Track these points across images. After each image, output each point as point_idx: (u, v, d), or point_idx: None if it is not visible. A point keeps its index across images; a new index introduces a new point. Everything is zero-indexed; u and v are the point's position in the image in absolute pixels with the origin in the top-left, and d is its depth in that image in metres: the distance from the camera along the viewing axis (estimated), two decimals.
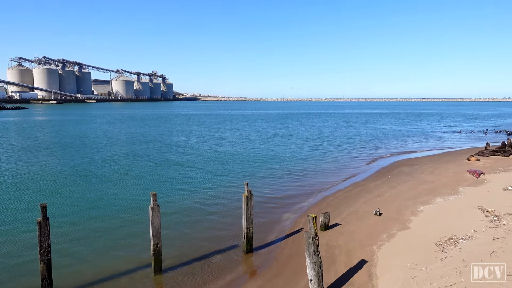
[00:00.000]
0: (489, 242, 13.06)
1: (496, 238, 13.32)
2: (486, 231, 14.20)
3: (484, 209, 17.03)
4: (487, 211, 16.71)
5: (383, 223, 16.47)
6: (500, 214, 16.16)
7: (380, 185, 24.20)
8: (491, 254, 11.84)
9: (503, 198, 18.89)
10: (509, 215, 15.94)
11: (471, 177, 24.43)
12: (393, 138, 54.40)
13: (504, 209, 16.94)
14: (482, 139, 52.23)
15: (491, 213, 16.35)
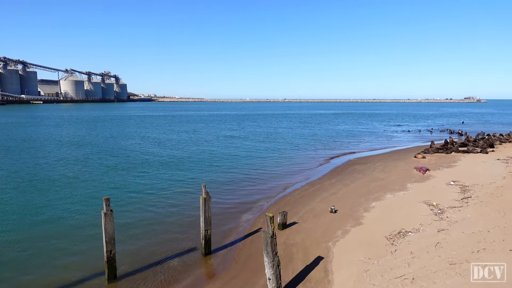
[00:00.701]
0: (434, 234, 13.94)
1: (440, 230, 14.24)
2: (432, 224, 15.14)
3: (430, 203, 18.16)
4: (432, 205, 17.83)
5: (338, 220, 17.01)
6: (443, 208, 17.30)
7: (335, 183, 24.97)
8: (436, 245, 12.65)
9: (446, 193, 20.24)
10: (452, 208, 17.12)
11: (418, 174, 25.92)
12: (347, 138, 56.39)
13: (447, 202, 18.18)
14: (428, 137, 55.62)
15: (436, 207, 17.46)
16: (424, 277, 10.40)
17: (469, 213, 16.20)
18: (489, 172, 25.07)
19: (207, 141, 50.59)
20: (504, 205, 16.72)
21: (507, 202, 17.10)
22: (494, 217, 15.23)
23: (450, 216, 15.97)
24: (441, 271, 10.65)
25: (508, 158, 30.32)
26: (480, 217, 15.50)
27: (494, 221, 14.65)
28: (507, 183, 21.15)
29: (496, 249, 11.83)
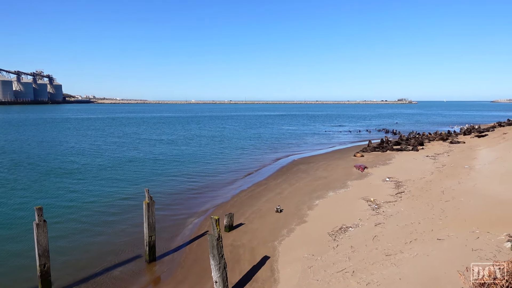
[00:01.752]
0: (372, 228, 14.80)
1: (377, 224, 15.16)
2: (370, 219, 16.06)
3: (368, 199, 19.26)
4: (370, 200, 18.93)
5: (283, 219, 17.40)
6: (380, 203, 18.45)
7: (280, 183, 25.51)
8: (373, 239, 13.44)
9: (382, 188, 21.60)
10: (387, 203, 18.31)
11: (357, 171, 27.36)
12: (291, 138, 57.87)
13: (383, 197, 19.41)
14: (366, 137, 58.86)
15: (373, 202, 18.57)
16: (363, 269, 11.00)
17: (403, 206, 17.44)
18: (419, 168, 27.18)
19: (149, 144, 48.96)
20: (432, 198, 18.23)
21: (434, 195, 18.66)
22: (423, 209, 16.53)
23: (386, 211, 17.07)
24: (378, 262, 11.33)
25: (436, 155, 33.10)
26: (412, 210, 16.75)
27: (424, 213, 15.91)
28: (434, 178, 23.07)
29: (426, 239, 12.84)
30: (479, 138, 43.12)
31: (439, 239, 12.47)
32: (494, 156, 27.73)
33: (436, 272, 9.68)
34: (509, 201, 15.62)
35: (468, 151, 33.48)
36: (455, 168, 25.48)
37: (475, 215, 14.60)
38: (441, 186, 20.46)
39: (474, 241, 11.76)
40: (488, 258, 9.81)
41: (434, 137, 47.50)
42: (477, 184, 19.54)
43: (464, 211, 15.36)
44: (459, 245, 11.53)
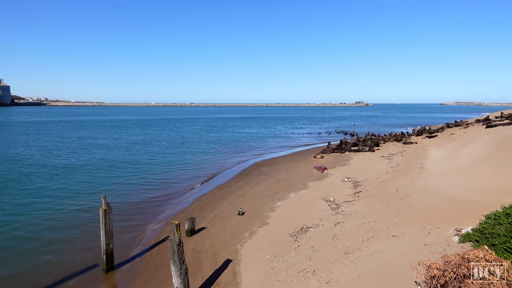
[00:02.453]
0: (331, 227, 15.18)
1: (337, 223, 15.58)
2: (329, 218, 16.47)
3: (327, 199, 19.75)
4: (330, 200, 19.42)
5: (245, 222, 17.40)
6: (339, 202, 18.97)
7: (242, 186, 25.52)
8: (333, 238, 13.78)
9: (341, 189, 22.23)
10: (346, 203, 18.88)
11: (317, 173, 27.99)
12: (253, 141, 58.12)
13: (342, 197, 19.99)
14: (326, 138, 60.37)
15: (333, 202, 19.06)
16: (324, 268, 11.24)
17: (360, 206, 18.05)
18: (375, 168, 28.29)
19: (105, 149, 47.03)
20: (387, 196, 19.02)
21: (389, 194, 19.49)
22: (380, 207, 17.21)
23: (344, 210, 17.59)
24: (337, 261, 11.63)
25: (390, 155, 34.62)
26: (369, 208, 17.38)
27: (380, 211, 16.56)
28: (389, 177, 24.11)
29: (382, 236, 13.37)
30: (430, 139, 45.66)
31: (394, 235, 13.02)
32: (443, 156, 29.45)
33: (391, 268, 10.09)
34: (457, 197, 16.64)
35: (420, 151, 35.31)
36: (408, 168, 26.77)
37: (427, 211, 15.42)
38: (395, 185, 21.40)
39: (426, 237, 12.40)
40: (439, 252, 10.38)
41: (389, 138, 49.66)
42: (428, 182, 20.64)
43: (416, 208, 16.16)
44: (413, 241, 12.11)
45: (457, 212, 14.55)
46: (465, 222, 12.83)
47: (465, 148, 29.15)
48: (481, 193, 16.53)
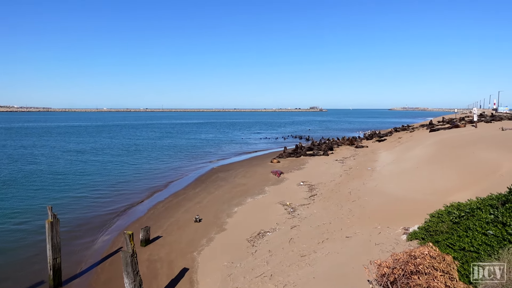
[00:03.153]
0: (288, 231, 15.39)
1: (293, 227, 15.82)
2: (286, 222, 16.69)
3: (284, 203, 20.02)
4: (286, 204, 19.70)
5: (202, 229, 17.16)
6: (295, 206, 19.30)
7: (199, 192, 25.18)
8: (289, 241, 13.97)
9: (297, 192, 22.65)
10: (302, 206, 19.25)
11: (274, 177, 28.32)
12: (210, 147, 57.66)
13: (298, 201, 20.36)
14: (283, 143, 61.30)
15: (289, 206, 19.36)
16: (281, 272, 11.35)
17: (315, 208, 18.49)
18: (330, 171, 29.17)
19: (52, 157, 44.17)
20: (341, 198, 19.67)
21: (343, 196, 20.16)
22: (334, 210, 17.74)
23: (300, 213, 17.92)
24: (294, 264, 11.80)
25: (343, 159, 35.88)
26: (324, 211, 17.85)
27: (334, 213, 17.07)
28: (342, 180, 24.96)
29: (336, 238, 13.78)
30: (379, 143, 47.96)
31: (347, 236, 13.46)
32: (391, 158, 31.03)
33: (345, 268, 10.41)
34: (404, 198, 17.58)
35: (370, 155, 36.94)
36: (360, 170, 27.88)
37: (377, 212, 16.12)
38: (348, 187, 22.18)
39: (376, 236, 12.94)
40: (388, 251, 10.86)
41: (342, 142, 51.48)
42: (378, 184, 21.62)
43: (368, 209, 16.85)
44: (364, 241, 12.59)
45: (405, 211, 15.35)
46: (412, 221, 13.56)
47: (411, 151, 30.89)
48: (426, 193, 17.58)
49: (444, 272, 7.46)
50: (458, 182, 17.94)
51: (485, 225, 9.08)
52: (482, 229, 9.03)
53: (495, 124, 42.84)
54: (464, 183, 17.64)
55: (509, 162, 17.98)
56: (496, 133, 30.10)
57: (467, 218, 10.26)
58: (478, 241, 8.74)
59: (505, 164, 18.00)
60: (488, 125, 44.09)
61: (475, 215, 10.01)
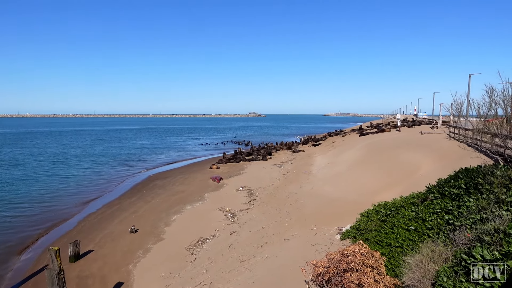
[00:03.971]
0: (228, 237, 15.35)
1: (233, 233, 15.82)
2: (226, 228, 16.63)
3: (224, 209, 19.94)
4: (226, 210, 19.64)
5: (139, 240, 16.43)
6: (235, 212, 19.33)
7: (135, 201, 24.10)
8: (229, 247, 13.94)
9: (237, 198, 22.72)
10: (241, 211, 19.33)
11: (214, 183, 28.11)
12: (147, 154, 55.54)
13: (238, 206, 20.42)
14: (223, 149, 61.12)
15: (229, 212, 19.33)
16: (220, 279, 11.26)
17: (255, 213, 18.69)
18: (268, 176, 29.71)
19: None
20: (279, 202, 20.12)
21: (281, 200, 20.64)
22: (273, 214, 18.08)
23: (240, 219, 17.98)
24: (234, 270, 11.78)
25: (281, 163, 36.80)
26: (263, 215, 18.11)
27: (273, 217, 17.40)
28: (281, 184, 25.57)
29: (275, 241, 14.04)
30: (315, 147, 50.02)
31: (285, 239, 13.79)
32: (326, 162, 32.51)
33: (283, 270, 10.63)
34: (338, 199, 18.49)
35: (307, 159, 38.35)
36: (297, 174, 28.79)
37: (313, 214, 16.76)
38: (286, 191, 22.78)
39: (313, 237, 13.43)
40: (324, 251, 11.32)
41: (280, 147, 52.80)
42: (314, 187, 22.49)
43: (305, 211, 17.44)
44: (302, 243, 12.99)
45: (339, 212, 16.15)
46: (346, 221, 14.31)
47: (343, 154, 32.66)
48: (357, 193, 18.68)
49: (373, 268, 7.95)
50: (385, 182, 19.34)
51: (408, 222, 9.88)
52: (405, 225, 9.80)
53: (416, 129, 46.98)
54: (390, 183, 19.06)
55: (427, 163, 19.81)
56: (416, 136, 32.99)
57: (392, 216, 11.07)
58: (402, 237, 9.47)
59: (424, 165, 19.80)
60: (410, 129, 48.19)
61: (399, 212, 10.85)
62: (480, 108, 10.71)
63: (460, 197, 9.03)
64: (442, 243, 7.46)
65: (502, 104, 9.81)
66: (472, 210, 7.71)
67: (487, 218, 6.42)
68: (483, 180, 8.45)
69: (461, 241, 6.60)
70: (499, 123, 10.21)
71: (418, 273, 6.11)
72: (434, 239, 8.15)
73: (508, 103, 9.67)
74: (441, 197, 9.85)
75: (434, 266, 6.26)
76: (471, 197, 8.41)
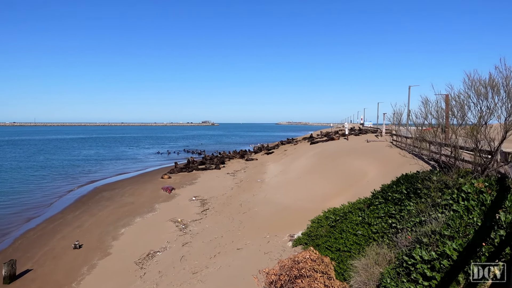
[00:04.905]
0: (179, 249, 14.97)
1: (185, 244, 15.47)
2: (177, 240, 16.23)
3: (175, 220, 19.46)
4: (178, 221, 19.19)
5: (83, 256, 15.51)
6: (187, 222, 18.94)
7: (80, 215, 22.78)
8: (181, 259, 13.60)
9: (189, 208, 22.30)
10: (194, 221, 18.99)
11: (165, 193, 27.38)
12: (93, 164, 52.84)
13: (190, 216, 20.04)
14: (175, 158, 59.69)
15: (181, 223, 18.90)
16: None
17: (208, 223, 18.45)
18: (221, 184, 29.53)
19: None
20: (233, 211, 20.05)
21: (234, 209, 20.59)
22: (226, 223, 17.96)
23: (192, 229, 17.65)
24: (186, 282, 11.49)
25: (235, 172, 36.79)
26: (216, 225, 17.93)
27: (226, 226, 17.28)
28: (234, 193, 25.52)
29: (228, 251, 13.94)
30: (268, 155, 50.67)
31: (238, 248, 13.74)
32: (279, 170, 33.03)
33: (236, 280, 10.57)
34: (290, 206, 18.83)
35: (260, 167, 38.71)
36: (250, 183, 28.93)
37: (266, 222, 16.90)
38: (239, 199, 22.78)
39: (266, 245, 13.52)
40: (276, 258, 11.42)
41: (233, 156, 52.84)
42: (267, 195, 22.72)
43: (258, 220, 17.54)
44: (255, 251, 13.02)
45: (291, 219, 16.43)
46: (297, 228, 14.57)
47: (295, 162, 33.41)
48: (309, 200, 19.16)
49: (323, 273, 8.16)
50: (335, 189, 20.04)
51: (355, 226, 10.29)
52: (353, 230, 10.20)
53: (362, 137, 49.37)
54: (339, 189, 19.79)
55: (373, 170, 20.84)
56: (363, 144, 34.65)
57: (341, 221, 11.47)
58: (350, 241, 9.83)
59: (370, 171, 20.81)
60: (357, 137, 50.56)
61: (348, 218, 11.27)
62: (417, 117, 11.51)
63: (402, 201, 9.59)
64: (386, 246, 7.86)
65: (435, 114, 10.63)
66: (412, 213, 8.21)
67: (425, 220, 6.86)
68: (422, 185, 9.05)
69: (403, 244, 6.99)
70: (433, 132, 11.02)
71: (364, 276, 6.37)
72: (379, 243, 8.55)
73: (441, 114, 10.52)
74: (385, 202, 10.39)
75: (379, 269, 6.56)
76: (411, 201, 8.96)
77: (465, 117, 9.36)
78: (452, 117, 10.15)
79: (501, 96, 8.27)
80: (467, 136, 9.15)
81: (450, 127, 10.66)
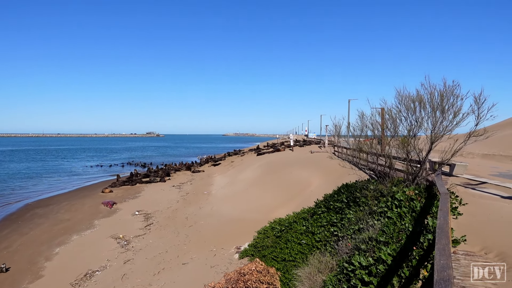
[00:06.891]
0: (121, 266, 14.23)
1: (127, 261, 14.74)
2: (119, 257, 15.42)
3: (117, 236, 18.50)
4: (119, 237, 18.25)
5: (10, 280, 14.12)
6: (129, 238, 18.09)
7: (8, 234, 20.78)
8: (122, 278, 12.93)
9: (132, 223, 21.34)
10: (137, 237, 18.20)
11: (106, 209, 25.96)
12: (24, 179, 48.62)
13: (133, 232, 19.17)
14: (117, 171, 56.93)
15: (123, 239, 18.00)
16: None
17: (151, 238, 17.78)
18: (166, 198, 28.70)
19: None
20: (178, 225, 19.55)
21: (180, 222, 20.09)
22: (170, 237, 17.44)
23: (135, 245, 16.89)
24: None
25: (181, 184, 36.01)
26: (160, 240, 17.33)
27: (171, 241, 16.78)
28: (179, 206, 24.93)
29: (173, 266, 13.53)
30: (215, 167, 50.33)
31: (184, 263, 13.40)
32: (225, 182, 32.92)
33: None
34: (237, 218, 18.81)
35: (206, 179, 38.29)
36: (197, 195, 28.47)
37: (213, 235, 16.70)
38: (185, 212, 22.29)
39: (212, 259, 13.35)
40: (222, 271, 11.31)
41: (179, 168, 51.74)
42: (214, 207, 22.50)
43: (204, 233, 17.27)
44: (201, 265, 12.79)
45: (238, 231, 16.41)
46: (244, 239, 14.58)
47: (242, 174, 33.55)
48: (256, 211, 19.29)
49: (269, 284, 8.23)
50: (281, 199, 20.41)
51: (300, 236, 10.54)
52: (298, 239, 10.43)
53: (307, 148, 51.01)
54: (285, 199, 20.19)
55: (316, 179, 21.59)
56: (307, 155, 35.79)
57: (286, 231, 11.69)
58: (295, 251, 10.04)
59: (314, 181, 21.53)
60: (302, 148, 52.11)
61: (292, 228, 11.52)
62: (354, 130, 12.19)
63: (343, 210, 10.03)
64: (329, 254, 8.14)
65: (371, 126, 11.35)
66: (352, 221, 8.62)
67: (363, 228, 7.24)
68: (360, 194, 9.55)
69: (343, 251, 7.30)
70: (369, 144, 11.73)
71: (308, 284, 6.53)
72: (322, 251, 8.84)
73: (376, 126, 11.26)
74: (327, 211, 10.79)
75: (322, 276, 6.77)
76: (351, 210, 9.41)
77: (397, 129, 10.10)
78: (386, 129, 10.91)
79: (427, 110, 9.06)
80: (399, 147, 9.86)
81: (384, 139, 11.43)
